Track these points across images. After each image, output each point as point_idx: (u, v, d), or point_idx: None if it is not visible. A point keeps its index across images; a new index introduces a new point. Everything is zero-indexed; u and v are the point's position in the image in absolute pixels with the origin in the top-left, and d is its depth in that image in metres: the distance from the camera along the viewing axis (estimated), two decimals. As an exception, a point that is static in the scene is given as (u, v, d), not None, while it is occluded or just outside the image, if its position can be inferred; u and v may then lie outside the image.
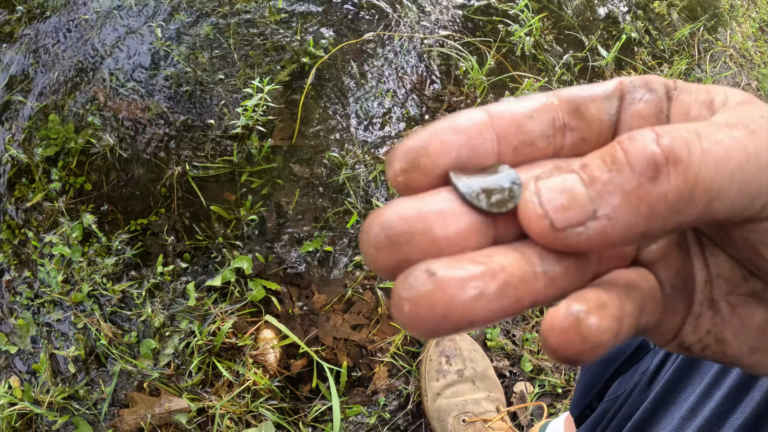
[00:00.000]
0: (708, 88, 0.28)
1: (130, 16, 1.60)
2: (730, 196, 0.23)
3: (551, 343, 0.23)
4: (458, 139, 0.26)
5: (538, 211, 0.24)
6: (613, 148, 0.24)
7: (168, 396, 1.26)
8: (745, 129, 0.24)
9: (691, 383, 0.62)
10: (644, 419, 0.65)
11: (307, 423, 1.28)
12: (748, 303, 0.29)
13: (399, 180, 0.26)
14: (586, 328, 0.23)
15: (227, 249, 1.38)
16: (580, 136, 0.29)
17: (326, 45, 1.64)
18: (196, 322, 1.30)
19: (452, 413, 1.26)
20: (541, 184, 0.24)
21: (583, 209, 0.23)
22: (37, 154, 1.42)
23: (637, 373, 0.76)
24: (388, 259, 0.23)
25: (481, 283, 0.22)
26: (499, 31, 1.83)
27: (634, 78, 0.29)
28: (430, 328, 0.22)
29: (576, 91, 0.29)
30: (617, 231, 0.23)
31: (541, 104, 0.28)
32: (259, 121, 1.50)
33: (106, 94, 1.49)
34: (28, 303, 1.31)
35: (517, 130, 0.27)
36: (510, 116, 0.27)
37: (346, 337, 1.36)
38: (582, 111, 0.28)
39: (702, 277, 0.30)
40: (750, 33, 2.46)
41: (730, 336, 0.29)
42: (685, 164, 0.23)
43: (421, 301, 0.22)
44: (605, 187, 0.23)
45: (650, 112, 0.29)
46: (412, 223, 0.23)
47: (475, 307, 0.22)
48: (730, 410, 0.55)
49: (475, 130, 0.26)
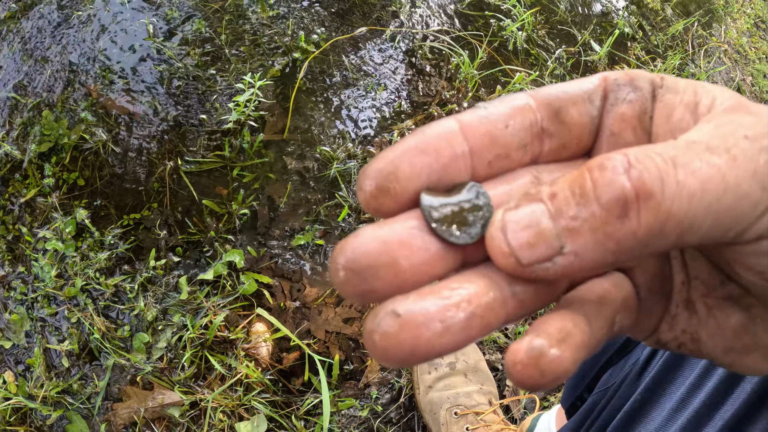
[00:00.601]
0: (696, 87, 0.27)
1: (122, 13, 1.60)
2: (704, 227, 0.23)
3: (514, 377, 0.23)
4: (428, 161, 0.25)
5: (504, 249, 0.23)
6: (583, 177, 0.23)
7: (161, 390, 1.26)
8: (726, 155, 0.23)
9: (682, 374, 0.62)
10: (634, 411, 0.65)
11: (299, 416, 1.28)
12: (725, 306, 0.29)
13: (370, 206, 0.25)
14: (546, 364, 0.23)
15: (219, 243, 1.39)
16: (560, 143, 0.28)
17: (317, 40, 1.65)
18: (188, 315, 1.31)
19: (444, 406, 1.26)
20: (508, 217, 0.24)
21: (550, 245, 0.23)
22: (31, 150, 1.43)
23: (628, 364, 0.76)
24: (355, 290, 0.24)
25: (447, 318, 0.23)
26: (491, 25, 1.84)
27: (619, 74, 0.28)
28: (400, 362, 0.23)
29: (556, 92, 0.28)
30: (585, 264, 0.23)
31: (518, 110, 0.27)
32: (250, 116, 1.50)
33: (99, 91, 1.50)
34: (22, 298, 1.32)
35: (491, 143, 0.26)
36: (484, 130, 0.26)
37: (338, 331, 1.36)
38: (562, 116, 0.28)
39: (680, 279, 0.30)
40: (745, 29, 2.46)
41: (705, 336, 0.29)
42: (657, 200, 0.22)
43: (390, 340, 0.22)
44: (572, 222, 0.22)
45: (633, 114, 0.28)
46: (376, 256, 0.23)
47: (441, 341, 0.23)
48: (720, 401, 0.54)
49: (446, 148, 0.26)
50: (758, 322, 0.28)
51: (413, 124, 1.57)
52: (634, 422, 0.65)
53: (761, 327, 0.28)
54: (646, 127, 0.28)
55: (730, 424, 0.52)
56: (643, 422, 0.64)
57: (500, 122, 0.26)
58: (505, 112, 0.27)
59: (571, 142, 0.28)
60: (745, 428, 0.51)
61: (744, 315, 0.28)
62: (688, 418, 0.56)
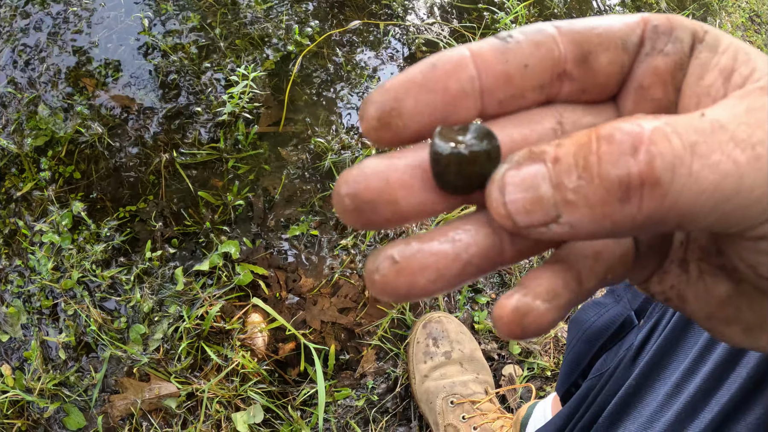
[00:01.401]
0: (737, 51, 0.25)
1: (117, 7, 1.61)
2: (707, 222, 0.22)
3: (499, 330, 0.24)
4: (434, 99, 0.24)
5: (501, 210, 0.23)
6: (589, 147, 0.21)
7: (158, 381, 1.26)
8: (750, 151, 0.21)
9: (676, 359, 0.61)
10: (629, 396, 0.65)
11: (295, 406, 1.28)
12: (716, 274, 0.28)
13: (371, 136, 0.25)
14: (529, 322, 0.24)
15: (215, 234, 1.39)
16: (581, 87, 0.26)
17: (312, 33, 1.65)
18: (184, 306, 1.31)
19: (440, 395, 1.27)
20: (509, 179, 0.23)
21: (546, 213, 0.22)
22: (27, 144, 1.43)
23: (622, 349, 0.76)
24: (355, 220, 0.24)
25: (442, 267, 0.24)
26: (485, 18, 1.84)
27: (660, 18, 0.26)
28: (395, 300, 0.24)
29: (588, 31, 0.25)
30: (579, 236, 0.23)
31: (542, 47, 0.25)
32: (245, 108, 1.51)
33: (94, 84, 1.50)
34: (18, 291, 1.32)
35: (506, 83, 0.25)
36: (501, 69, 0.25)
37: (334, 321, 1.36)
38: (590, 61, 0.26)
39: (679, 239, 0.30)
40: (740, 23, 2.47)
41: (691, 297, 0.29)
42: (664, 190, 0.20)
43: (387, 282, 0.24)
44: (571, 195, 0.21)
45: (667, 69, 0.26)
46: (377, 193, 0.24)
47: (434, 286, 0.24)
48: (715, 386, 0.54)
49: (455, 86, 0.24)
50: (744, 297, 0.28)
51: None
52: (629, 407, 0.65)
53: (746, 302, 0.28)
54: (678, 84, 0.27)
55: (726, 410, 0.52)
56: (638, 407, 0.64)
57: (519, 61, 0.25)
58: (527, 50, 0.25)
59: (594, 88, 0.27)
60: (741, 413, 0.51)
61: (732, 287, 0.28)
62: (684, 403, 0.56)
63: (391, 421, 1.32)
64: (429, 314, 1.36)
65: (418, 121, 0.25)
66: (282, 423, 1.26)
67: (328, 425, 1.29)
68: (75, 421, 1.23)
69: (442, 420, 1.25)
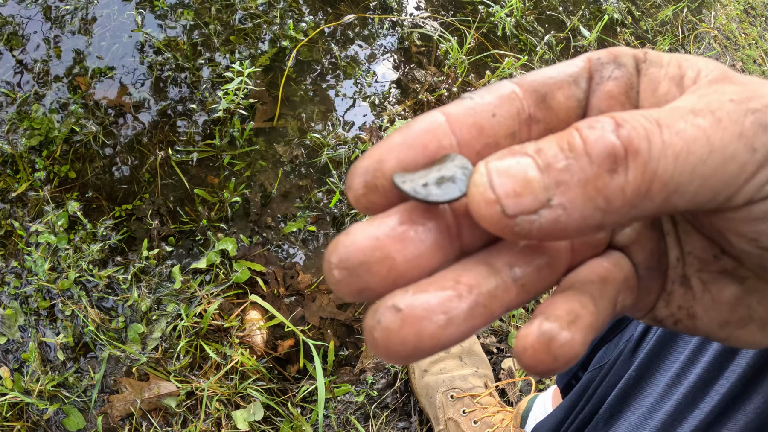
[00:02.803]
0: (680, 60, 0.27)
1: (110, 4, 1.60)
2: (690, 190, 0.22)
3: (524, 362, 0.23)
4: (414, 155, 0.24)
5: (488, 195, 0.22)
6: (571, 135, 0.22)
7: (157, 380, 1.26)
8: (711, 116, 0.22)
9: (676, 350, 0.61)
10: (629, 387, 0.65)
11: (295, 403, 1.28)
12: (719, 280, 0.28)
13: (361, 204, 0.25)
14: (558, 348, 0.23)
15: (212, 231, 1.39)
16: (546, 127, 0.27)
17: (306, 28, 1.65)
18: (182, 304, 1.31)
19: (440, 389, 1.27)
20: (492, 166, 0.23)
21: (537, 196, 0.22)
22: (21, 144, 1.42)
23: (622, 341, 0.76)
24: (350, 289, 0.23)
25: (449, 309, 0.22)
26: (480, 11, 1.84)
27: (602, 53, 0.28)
28: (404, 358, 0.22)
29: (541, 78, 0.27)
30: (571, 222, 0.22)
31: (505, 98, 0.26)
32: (240, 105, 1.50)
33: (88, 83, 1.50)
34: (15, 293, 1.31)
35: (479, 133, 0.26)
36: (471, 121, 0.25)
37: (333, 317, 1.36)
38: (548, 101, 0.27)
39: (675, 255, 0.30)
40: (735, 15, 2.47)
41: (701, 312, 0.29)
42: (644, 158, 0.21)
43: (392, 336, 0.22)
44: (561, 174, 0.22)
45: (620, 90, 0.28)
46: (368, 252, 0.23)
47: (444, 333, 0.22)
48: (715, 376, 0.54)
49: (433, 142, 0.25)
50: (753, 294, 0.28)
51: (403, 109, 1.58)
52: (629, 398, 0.65)
53: (756, 299, 0.28)
54: (634, 102, 0.28)
55: (725, 399, 0.52)
56: (638, 398, 0.64)
57: (487, 112, 0.26)
58: (492, 102, 0.26)
59: (558, 126, 0.27)
60: (740, 403, 0.51)
61: (739, 288, 0.28)
62: (684, 393, 0.56)
63: (391, 417, 1.32)
64: (428, 309, 1.35)
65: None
66: (282, 420, 1.26)
67: (328, 421, 1.29)
68: (74, 422, 1.22)
69: (443, 414, 1.25)
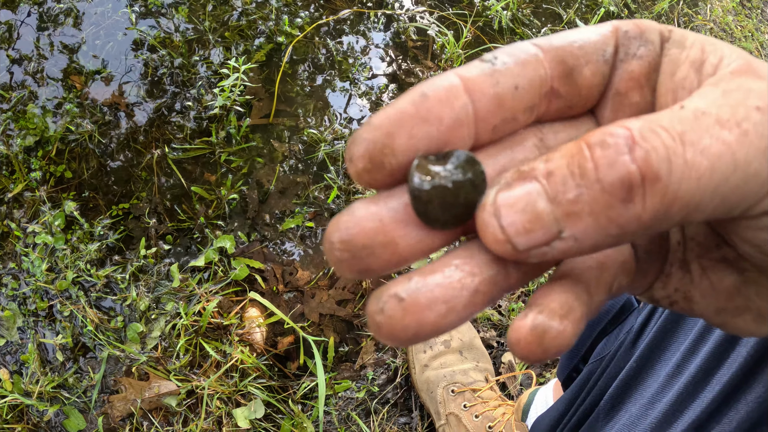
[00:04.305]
0: (704, 43, 0.26)
1: (104, 3, 1.59)
2: (710, 207, 0.21)
3: (517, 353, 0.23)
4: (428, 131, 0.23)
5: (498, 236, 0.22)
6: (582, 156, 0.21)
7: (157, 379, 1.25)
8: (737, 129, 0.21)
9: (676, 340, 0.61)
10: (630, 378, 0.65)
11: (296, 400, 1.28)
12: (720, 267, 0.28)
13: (363, 179, 0.24)
14: (549, 340, 0.23)
15: (209, 229, 1.38)
16: (567, 104, 0.26)
17: (301, 24, 1.64)
18: (181, 303, 1.30)
19: (441, 384, 1.26)
20: (501, 199, 0.22)
21: (548, 230, 0.21)
22: (16, 144, 1.42)
23: (622, 333, 0.76)
24: (351, 269, 0.23)
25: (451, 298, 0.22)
26: (476, 5, 1.83)
27: (629, 24, 0.26)
28: (404, 342, 0.23)
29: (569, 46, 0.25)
30: (584, 249, 0.22)
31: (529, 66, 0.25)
32: (236, 101, 1.49)
33: (83, 81, 1.49)
34: (13, 294, 1.31)
35: (498, 107, 0.24)
36: (492, 92, 0.24)
37: (332, 313, 1.36)
38: (574, 76, 0.26)
39: (676, 239, 0.29)
40: (730, 7, 2.46)
41: (697, 296, 0.29)
42: (664, 183, 0.20)
43: (394, 323, 0.22)
44: (572, 206, 0.21)
45: (642, 71, 0.26)
46: (372, 236, 0.23)
47: (445, 321, 0.22)
48: (715, 366, 0.54)
49: (449, 115, 0.23)
50: (752, 285, 0.28)
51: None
52: (630, 389, 0.65)
53: (754, 290, 0.28)
54: (653, 85, 0.27)
55: (726, 389, 0.52)
56: (639, 389, 0.64)
57: (509, 83, 0.24)
58: (515, 71, 0.24)
59: (578, 102, 0.26)
60: (741, 392, 0.51)
61: (738, 278, 0.28)
62: (684, 384, 0.56)
63: (392, 412, 1.32)
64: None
65: (412, 157, 0.23)
66: (283, 417, 1.26)
67: (329, 418, 1.29)
68: (75, 423, 1.22)
69: (444, 409, 1.24)
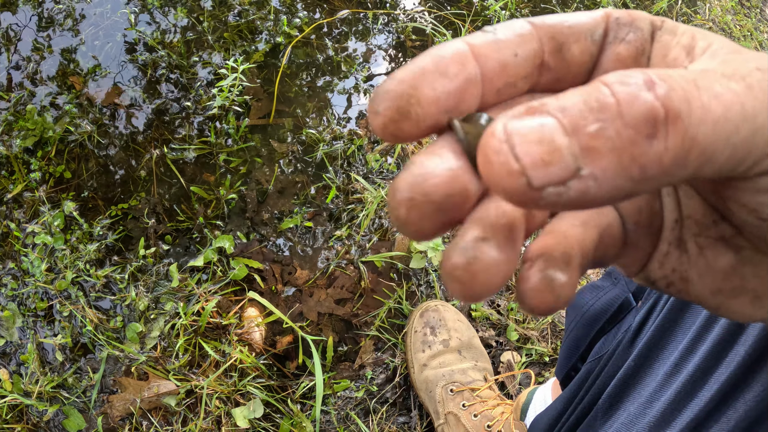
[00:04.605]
0: (694, 32, 0.26)
1: (103, 4, 1.60)
2: (721, 159, 0.21)
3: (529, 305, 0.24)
4: (448, 86, 0.24)
5: (512, 165, 0.19)
6: (600, 91, 0.20)
7: (156, 379, 1.26)
8: (742, 82, 0.21)
9: (675, 339, 0.61)
10: (628, 377, 0.65)
11: (295, 399, 1.28)
12: (716, 246, 0.28)
13: (388, 130, 0.24)
14: (559, 288, 0.24)
15: (208, 229, 1.38)
16: (556, 77, 0.27)
17: (300, 24, 1.64)
18: (180, 303, 1.30)
19: (440, 383, 1.26)
20: (512, 128, 0.20)
21: (566, 166, 0.19)
22: (16, 145, 1.42)
23: (620, 332, 0.76)
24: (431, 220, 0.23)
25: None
26: (474, 4, 1.83)
27: (621, 12, 0.27)
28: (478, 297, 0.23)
29: (560, 25, 0.26)
30: (601, 193, 0.20)
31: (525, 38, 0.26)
32: (235, 101, 1.50)
33: (82, 82, 1.49)
34: (13, 294, 1.31)
35: (502, 70, 0.25)
36: (497, 57, 0.25)
37: (331, 312, 1.36)
38: (564, 52, 0.26)
39: (672, 217, 0.29)
40: (729, 6, 2.46)
41: (695, 276, 0.29)
42: (684, 124, 0.19)
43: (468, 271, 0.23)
44: (593, 141, 0.19)
45: (629, 54, 0.27)
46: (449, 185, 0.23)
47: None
48: (714, 365, 0.54)
49: (462, 72, 0.24)
50: (747, 265, 0.28)
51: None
52: (629, 388, 0.65)
53: (750, 270, 0.27)
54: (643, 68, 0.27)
55: (724, 388, 0.52)
56: (637, 388, 0.64)
57: (510, 50, 0.25)
58: (515, 41, 0.25)
59: (566, 77, 0.27)
60: (740, 391, 0.51)
61: (734, 257, 0.28)
62: (683, 383, 0.56)
63: (391, 411, 1.32)
64: (426, 303, 1.36)
65: (434, 109, 0.24)
66: (282, 417, 1.26)
67: (328, 417, 1.29)
68: (75, 423, 1.22)
69: (443, 408, 1.25)
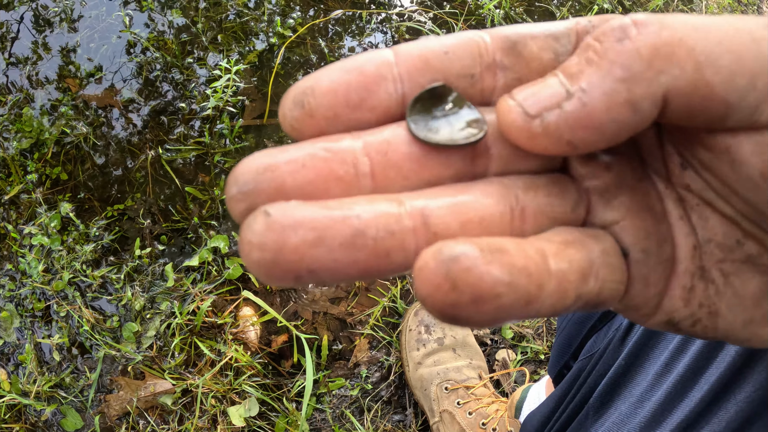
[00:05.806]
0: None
1: (98, 6, 1.60)
2: (724, 64, 0.21)
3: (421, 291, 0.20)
4: (349, 79, 0.24)
5: (510, 103, 0.23)
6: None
7: (152, 378, 1.26)
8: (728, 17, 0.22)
9: (665, 338, 0.61)
10: (618, 376, 0.65)
11: (290, 398, 1.29)
12: (742, 270, 0.26)
13: (287, 122, 0.24)
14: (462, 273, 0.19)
15: (203, 229, 1.39)
16: (516, 77, 0.25)
17: (294, 24, 1.65)
18: (175, 302, 1.31)
19: (434, 382, 1.27)
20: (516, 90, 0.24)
21: (555, 91, 0.22)
22: (12, 147, 1.43)
23: (611, 330, 0.76)
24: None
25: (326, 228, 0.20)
26: (468, 3, 1.83)
27: (594, 18, 0.26)
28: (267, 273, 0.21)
29: (516, 29, 0.26)
30: (597, 103, 0.21)
31: (464, 39, 0.25)
32: (229, 102, 1.50)
33: (78, 84, 1.50)
34: (10, 295, 1.32)
35: (424, 66, 0.24)
36: (417, 53, 0.24)
37: (325, 311, 1.37)
38: (519, 49, 0.25)
39: (689, 244, 0.26)
40: (726, 4, 2.46)
41: (723, 309, 0.26)
42: (657, 25, 0.21)
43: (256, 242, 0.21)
44: (573, 67, 0.22)
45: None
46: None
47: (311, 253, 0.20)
48: (704, 366, 0.53)
49: (373, 68, 0.24)
50: None
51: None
52: (620, 387, 0.65)
53: None
54: None
55: (715, 388, 0.51)
56: (628, 387, 0.63)
57: (439, 49, 0.24)
58: (447, 40, 0.25)
59: (529, 76, 0.25)
60: (731, 391, 0.51)
61: (762, 279, 0.26)
62: (673, 382, 0.56)
63: (386, 410, 1.33)
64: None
65: (330, 99, 0.24)
66: (278, 415, 1.27)
67: (323, 415, 1.30)
68: (72, 422, 1.23)
69: (437, 406, 1.25)
